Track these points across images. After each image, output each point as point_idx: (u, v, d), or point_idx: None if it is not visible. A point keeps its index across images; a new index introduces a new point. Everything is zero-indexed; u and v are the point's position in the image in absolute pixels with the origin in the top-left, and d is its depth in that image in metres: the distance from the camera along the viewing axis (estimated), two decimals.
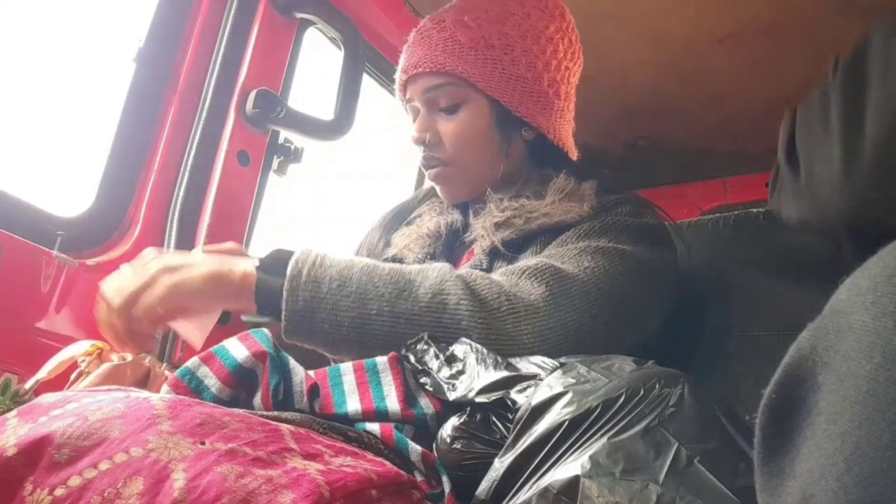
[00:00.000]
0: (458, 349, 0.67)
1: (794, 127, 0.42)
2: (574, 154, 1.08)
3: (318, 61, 1.45)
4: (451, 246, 1.04)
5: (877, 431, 0.24)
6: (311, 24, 1.40)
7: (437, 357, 0.67)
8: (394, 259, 1.04)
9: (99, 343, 0.80)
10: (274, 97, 1.27)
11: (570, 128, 1.08)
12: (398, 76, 1.06)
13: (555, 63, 1.02)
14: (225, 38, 1.25)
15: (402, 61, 1.05)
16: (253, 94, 1.24)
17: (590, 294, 0.81)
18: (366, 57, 1.47)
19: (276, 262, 0.77)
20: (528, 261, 0.85)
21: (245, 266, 0.76)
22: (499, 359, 0.63)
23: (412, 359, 0.68)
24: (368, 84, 1.55)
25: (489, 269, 0.92)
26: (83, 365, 0.77)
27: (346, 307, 0.73)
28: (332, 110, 1.39)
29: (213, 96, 1.22)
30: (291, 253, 0.78)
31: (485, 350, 0.65)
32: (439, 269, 0.79)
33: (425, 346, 0.70)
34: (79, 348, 0.78)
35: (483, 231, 0.95)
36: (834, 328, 0.28)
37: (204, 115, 1.21)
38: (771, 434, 0.31)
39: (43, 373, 0.77)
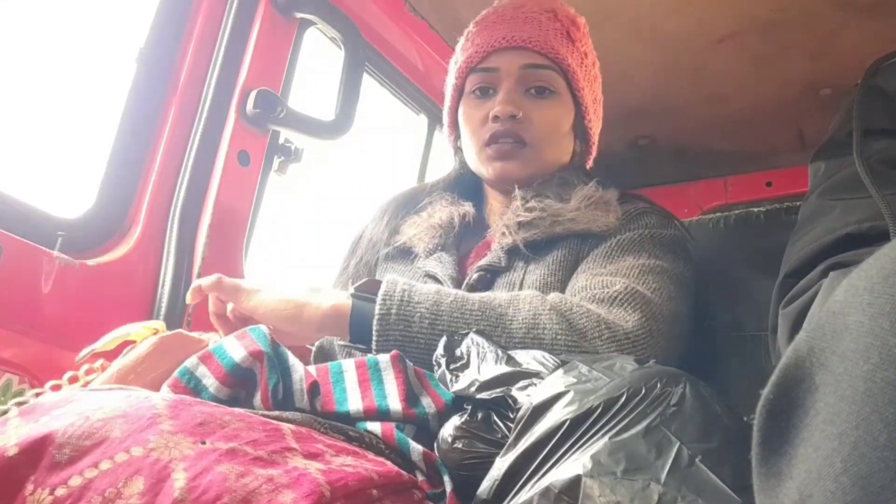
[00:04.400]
0: (465, 342, 0.67)
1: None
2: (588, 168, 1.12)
3: (319, 61, 1.45)
4: (461, 238, 1.03)
5: (874, 432, 0.24)
6: (311, 24, 1.40)
7: (443, 354, 0.67)
8: (402, 248, 1.03)
9: (155, 324, 0.80)
10: (274, 97, 1.27)
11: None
12: (483, 41, 1.02)
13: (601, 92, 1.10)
14: (225, 38, 1.25)
15: (493, 30, 1.02)
16: (253, 94, 1.24)
17: (667, 319, 0.83)
18: (366, 57, 1.47)
19: (363, 298, 0.79)
20: (607, 283, 0.84)
21: (336, 299, 0.79)
22: (499, 352, 0.63)
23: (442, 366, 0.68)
24: (369, 84, 1.55)
25: (508, 268, 0.92)
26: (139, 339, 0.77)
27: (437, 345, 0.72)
28: (333, 110, 1.39)
29: (213, 96, 1.22)
30: (377, 285, 0.78)
31: (486, 343, 0.65)
32: (531, 300, 0.78)
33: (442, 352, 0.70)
34: (134, 328, 0.78)
35: (504, 229, 0.94)
36: (831, 329, 0.28)
37: (204, 115, 1.21)
38: (768, 435, 0.31)
39: (99, 344, 0.76)
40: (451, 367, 0.65)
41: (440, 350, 0.68)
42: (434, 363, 0.68)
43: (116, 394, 0.47)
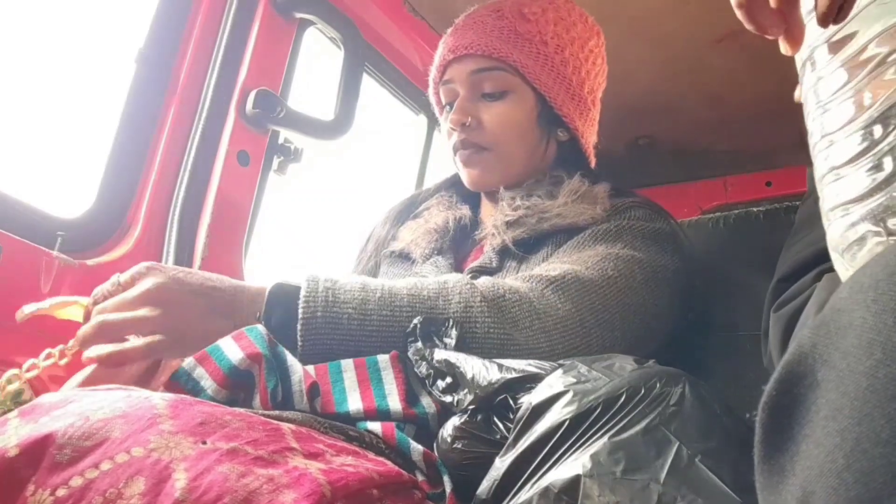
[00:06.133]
0: (441, 357, 0.65)
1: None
2: (593, 163, 1.09)
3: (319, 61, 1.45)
4: (459, 241, 1.03)
5: (876, 427, 0.24)
6: (310, 24, 1.40)
7: (426, 363, 0.66)
8: (401, 254, 1.03)
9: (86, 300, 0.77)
10: (274, 97, 1.27)
11: (594, 139, 1.10)
12: (440, 56, 1.05)
13: (594, 73, 1.06)
14: (225, 38, 1.25)
15: (446, 43, 1.05)
16: (253, 94, 1.24)
17: (612, 308, 0.81)
18: (366, 57, 1.47)
19: (281, 299, 0.71)
20: (552, 269, 0.83)
21: (247, 313, 0.70)
22: (487, 364, 0.62)
23: (415, 368, 0.67)
24: (368, 84, 1.55)
25: (499, 268, 0.92)
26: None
27: (368, 347, 0.69)
28: (332, 110, 1.39)
29: (212, 96, 1.22)
30: (296, 288, 0.71)
31: (469, 358, 0.63)
32: (460, 289, 0.75)
33: (418, 346, 0.69)
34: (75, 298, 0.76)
35: (494, 230, 0.94)
36: (834, 325, 0.28)
37: (204, 115, 1.21)
38: (771, 431, 0.31)
39: (45, 305, 0.75)
40: (441, 388, 0.63)
41: (422, 370, 0.66)
42: (416, 369, 0.66)
43: (116, 393, 0.47)
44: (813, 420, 0.27)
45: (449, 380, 0.63)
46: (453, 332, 0.69)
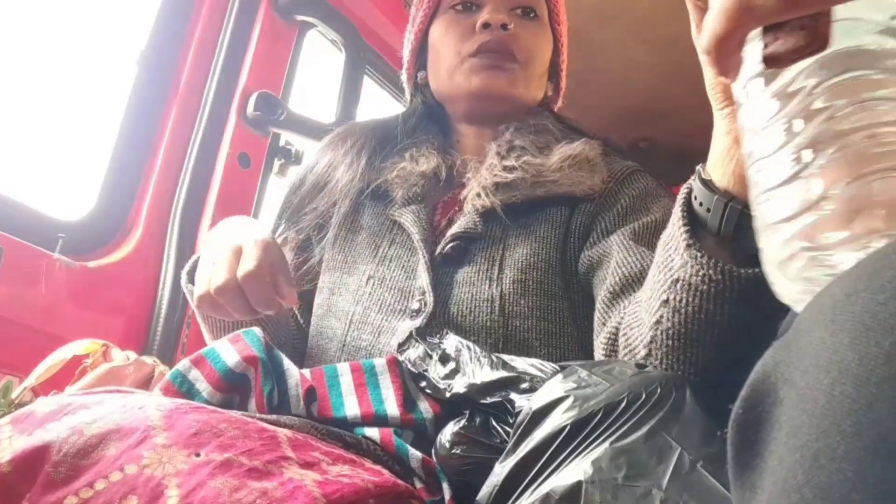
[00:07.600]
0: (449, 346, 0.66)
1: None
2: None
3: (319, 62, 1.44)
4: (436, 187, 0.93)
5: (833, 444, 0.25)
6: (311, 26, 1.40)
7: (429, 356, 0.66)
8: (378, 190, 0.92)
9: (100, 341, 0.79)
10: (275, 100, 1.27)
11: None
12: None
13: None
14: (226, 41, 1.25)
15: None
16: (254, 96, 1.24)
17: None
18: (366, 59, 1.47)
19: None
20: None
21: None
22: (494, 358, 0.62)
23: (408, 362, 0.67)
24: (369, 86, 1.55)
25: (484, 234, 0.83)
26: (89, 362, 0.76)
27: None
28: (334, 112, 1.39)
29: (213, 99, 1.22)
30: None
31: (477, 348, 0.64)
32: None
33: (416, 345, 0.68)
34: (68, 351, 0.77)
35: (480, 189, 0.85)
36: (795, 345, 0.29)
37: (205, 117, 1.22)
38: (740, 448, 0.32)
39: (31, 379, 0.76)
40: (441, 374, 0.63)
41: (418, 353, 0.66)
42: (408, 363, 0.66)
43: (112, 402, 0.46)
44: (777, 437, 0.28)
45: (452, 365, 0.63)
46: (449, 339, 0.69)
